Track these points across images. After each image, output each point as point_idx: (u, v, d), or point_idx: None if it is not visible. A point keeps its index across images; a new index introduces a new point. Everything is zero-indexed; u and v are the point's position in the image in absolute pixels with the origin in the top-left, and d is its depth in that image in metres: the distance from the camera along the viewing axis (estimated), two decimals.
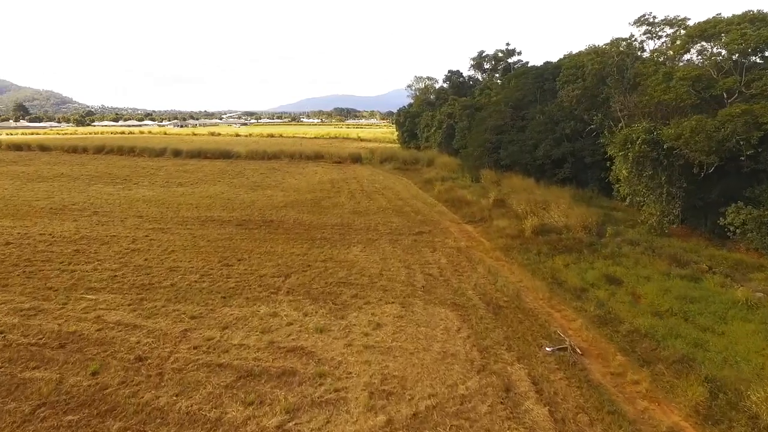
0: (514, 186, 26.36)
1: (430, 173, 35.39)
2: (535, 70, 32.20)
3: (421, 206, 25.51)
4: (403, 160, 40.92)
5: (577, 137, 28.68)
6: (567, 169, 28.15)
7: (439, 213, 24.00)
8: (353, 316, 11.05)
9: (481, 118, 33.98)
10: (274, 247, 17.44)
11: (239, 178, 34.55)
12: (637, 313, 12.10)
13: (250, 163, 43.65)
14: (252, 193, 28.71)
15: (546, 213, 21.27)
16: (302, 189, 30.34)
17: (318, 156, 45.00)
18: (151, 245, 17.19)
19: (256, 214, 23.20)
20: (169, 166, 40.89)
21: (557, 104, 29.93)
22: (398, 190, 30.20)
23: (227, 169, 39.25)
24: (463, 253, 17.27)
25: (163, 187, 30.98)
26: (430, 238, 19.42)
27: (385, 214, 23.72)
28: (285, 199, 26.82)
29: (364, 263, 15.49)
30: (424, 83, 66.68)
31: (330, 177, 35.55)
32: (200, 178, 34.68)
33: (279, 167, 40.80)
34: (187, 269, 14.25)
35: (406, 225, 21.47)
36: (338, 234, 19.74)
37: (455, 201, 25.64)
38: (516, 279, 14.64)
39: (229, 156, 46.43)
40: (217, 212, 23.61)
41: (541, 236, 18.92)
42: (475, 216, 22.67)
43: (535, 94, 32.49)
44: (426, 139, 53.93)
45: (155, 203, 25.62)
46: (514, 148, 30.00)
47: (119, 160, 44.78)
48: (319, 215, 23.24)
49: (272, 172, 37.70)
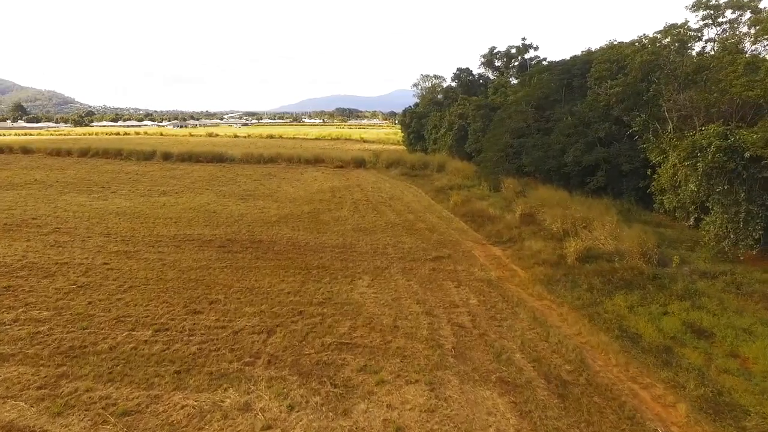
0: (541, 197, 22.83)
1: (441, 180, 31.90)
2: (562, 65, 28.72)
3: (435, 221, 22.02)
4: (410, 164, 37.45)
5: (612, 141, 25.19)
6: (600, 177, 24.62)
7: (458, 230, 20.51)
8: (361, 410, 7.56)
9: (500, 120, 30.50)
10: (260, 280, 13.99)
11: (230, 186, 31.14)
12: (757, 392, 8.64)
13: (245, 167, 40.23)
14: (242, 204, 25.28)
15: (588, 233, 17.77)
16: (299, 199, 26.89)
17: (318, 160, 41.60)
18: (105, 279, 13.75)
19: (244, 232, 19.77)
20: (156, 171, 37.52)
21: (588, 103, 26.41)
22: (408, 201, 26.72)
23: (218, 175, 35.85)
24: (495, 289, 13.78)
25: (143, 196, 27.59)
26: (452, 265, 15.93)
27: (395, 231, 20.26)
28: (279, 213, 23.37)
29: (373, 307, 12.02)
30: (430, 82, 63.21)
31: (331, 184, 32.11)
32: (187, 185, 31.28)
33: (275, 173, 37.37)
34: (140, 319, 10.79)
35: (420, 247, 18.00)
36: (339, 260, 16.28)
37: (475, 215, 22.14)
38: (573, 330, 11.15)
39: (222, 160, 43.06)
40: (198, 229, 20.19)
41: (588, 264, 15.43)
42: (502, 235, 19.16)
43: (559, 92, 28.97)
44: (434, 141, 50.45)
45: (130, 217, 22.23)
46: (539, 153, 26.49)
47: (103, 165, 41.45)
48: (317, 233, 19.79)
49: (267, 179, 34.27)
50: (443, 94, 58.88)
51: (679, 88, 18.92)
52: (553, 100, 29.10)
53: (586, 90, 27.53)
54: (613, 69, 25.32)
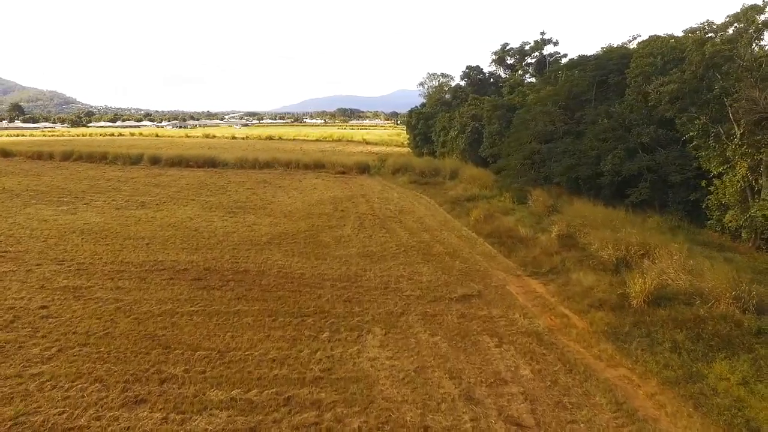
0: (580, 213, 19.39)
1: (456, 189, 28.48)
2: (595, 61, 25.26)
3: (456, 243, 18.59)
4: (420, 170, 34.03)
5: (656, 147, 21.77)
6: (644, 188, 21.20)
7: (484, 255, 17.07)
8: None
9: (522, 122, 27.08)
10: (238, 336, 10.61)
11: (219, 196, 27.76)
12: None
13: (238, 173, 36.85)
14: (229, 220, 21.90)
15: (650, 263, 14.35)
16: (296, 213, 23.49)
17: (318, 165, 38.20)
18: (32, 335, 10.38)
19: (227, 258, 16.39)
20: (140, 178, 34.18)
21: (628, 103, 22.99)
22: (420, 215, 23.29)
23: (208, 182, 32.48)
24: (550, 348, 10.38)
25: (119, 208, 24.23)
26: (485, 308, 12.53)
27: (409, 257, 16.84)
28: (271, 231, 19.98)
29: (390, 388, 8.61)
30: (438, 81, 59.77)
31: (332, 194, 28.70)
32: (171, 195, 27.91)
33: (271, 179, 33.99)
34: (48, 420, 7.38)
35: (442, 280, 14.59)
36: (342, 300, 12.89)
37: (503, 235, 18.71)
38: (680, 428, 7.74)
39: (214, 164, 39.72)
40: (172, 253, 16.82)
41: (661, 308, 12.03)
42: (540, 264, 15.72)
43: (591, 90, 25.53)
44: (443, 143, 46.99)
45: (95, 236, 18.89)
46: (570, 160, 23.05)
47: (85, 170, 38.13)
48: (315, 259, 16.40)
49: (262, 187, 30.89)
50: (451, 94, 55.41)
51: (756, 85, 15.47)
52: (584, 99, 25.67)
53: (624, 88, 24.13)
54: (657, 64, 21.93)
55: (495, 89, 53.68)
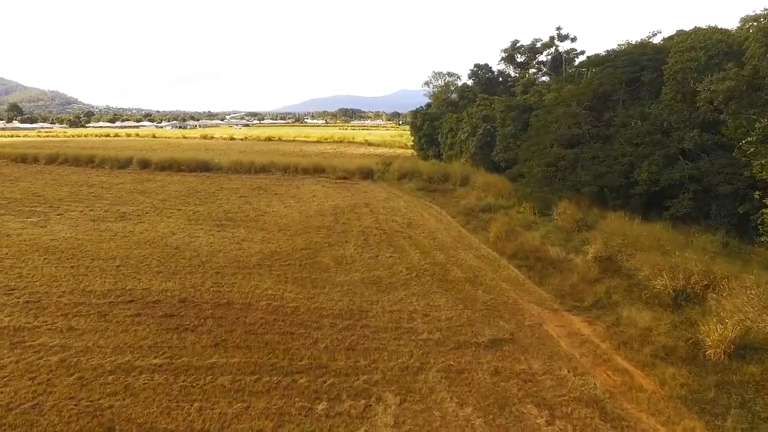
0: (615, 229, 16.83)
1: (468, 198, 25.95)
2: (626, 56, 22.65)
3: (475, 265, 16.04)
4: (428, 176, 31.47)
5: (700, 153, 19.22)
6: (687, 200, 18.61)
7: (511, 282, 14.52)
8: None
9: (542, 124, 24.51)
10: (207, 407, 8.12)
11: (208, 205, 25.25)
12: None
13: (232, 178, 34.34)
14: (217, 235, 19.39)
15: (718, 298, 11.82)
16: (292, 226, 20.97)
17: (318, 169, 35.66)
18: None
19: (208, 286, 13.89)
20: (126, 184, 31.70)
21: (667, 104, 20.43)
22: (431, 229, 20.74)
23: (199, 189, 30.00)
24: (617, 426, 7.85)
25: (95, 220, 21.76)
26: (524, 359, 10.01)
27: (422, 283, 14.31)
28: (262, 249, 17.46)
29: None
30: (443, 80, 57.19)
31: (333, 202, 26.17)
32: (156, 204, 25.41)
33: (267, 186, 31.48)
34: None
35: (465, 317, 12.06)
36: (344, 348, 10.38)
37: (529, 256, 16.15)
38: None
39: (207, 168, 37.24)
40: (145, 279, 14.33)
41: (748, 363, 9.53)
42: (580, 294, 13.17)
43: (620, 89, 22.94)
44: (450, 146, 44.45)
45: (61, 256, 16.41)
46: (601, 168, 20.48)
47: (68, 174, 35.69)
48: (312, 287, 13.89)
49: (256, 194, 28.38)
50: (458, 94, 52.84)
51: None
52: (613, 99, 23.09)
53: (659, 86, 21.55)
54: (701, 59, 19.36)
55: (504, 88, 51.15)
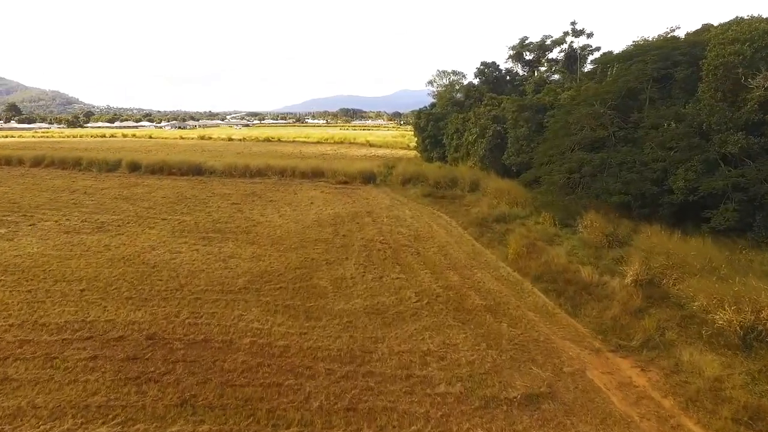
0: (654, 247, 14.72)
1: (480, 205, 23.82)
2: (657, 51, 20.47)
3: (495, 289, 13.91)
4: (434, 181, 29.34)
5: (743, 159, 17.11)
6: (730, 212, 16.47)
7: (539, 312, 12.40)
8: None
9: (561, 126, 22.38)
10: None
11: (197, 213, 23.16)
12: None
13: (225, 183, 32.25)
14: (202, 250, 17.30)
15: None
16: (286, 239, 18.87)
17: (317, 173, 33.54)
18: None
19: (184, 316, 11.82)
20: (111, 189, 29.64)
21: (706, 103, 18.29)
22: (441, 243, 18.61)
23: (188, 195, 27.90)
24: None
25: (69, 232, 19.69)
26: (570, 426, 7.91)
27: (435, 313, 12.22)
28: (252, 268, 15.36)
29: None
30: (448, 79, 55.01)
31: (332, 210, 24.06)
32: (139, 212, 23.33)
33: (262, 191, 29.39)
34: None
35: (489, 359, 9.96)
36: (343, 408, 8.30)
37: (557, 278, 14.03)
38: None
39: (200, 172, 35.16)
40: (112, 307, 12.27)
41: None
42: (626, 330, 11.03)
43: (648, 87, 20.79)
44: (455, 148, 42.35)
45: (20, 277, 14.35)
46: (631, 175, 18.35)
47: (52, 178, 33.63)
48: (305, 318, 11.81)
49: (250, 201, 26.28)
50: (464, 93, 50.70)
51: None
52: (642, 98, 20.94)
53: (695, 84, 19.42)
54: (746, 52, 17.22)
55: (512, 87, 49.03)
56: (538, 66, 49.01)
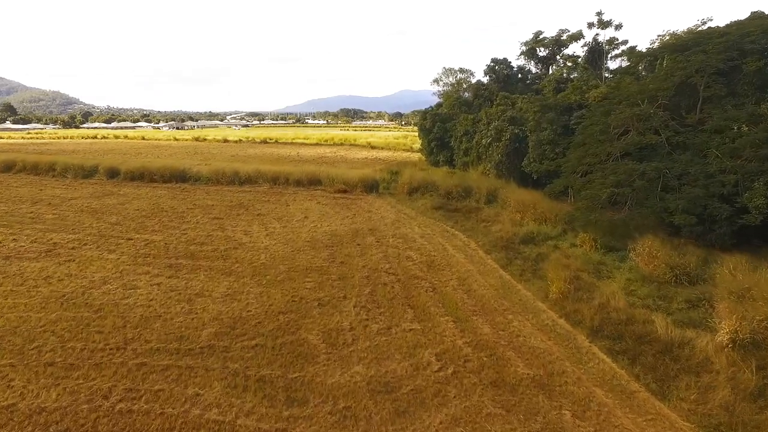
0: (746, 287, 11.29)
1: (501, 221, 20.41)
2: (720, 39, 17.02)
3: (542, 348, 10.47)
4: (445, 190, 25.91)
5: None
6: None
7: (611, 389, 8.95)
8: None
9: (601, 128, 18.93)
10: None
11: (169, 232, 19.75)
12: None
13: (210, 192, 28.83)
14: (164, 284, 13.90)
15: None
16: (271, 268, 15.46)
17: (313, 180, 30.11)
18: None
19: (115, 398, 8.44)
20: (80, 199, 26.23)
21: None
22: (462, 273, 15.17)
23: (166, 207, 24.50)
24: None
25: (9, 257, 16.26)
26: None
27: (467, 393, 8.79)
28: (222, 312, 11.95)
29: None
30: (455, 77, 51.57)
31: (329, 228, 20.64)
32: (102, 229, 19.93)
33: (250, 202, 25.97)
34: None
35: None
36: None
37: (622, 332, 10.59)
38: None
39: (184, 179, 31.75)
40: (19, 382, 8.91)
41: None
42: (747, 428, 7.66)
43: (706, 83, 17.33)
44: (464, 151, 38.97)
45: None
46: (696, 189, 14.91)
47: (19, 186, 30.23)
48: (285, 405, 8.41)
49: (234, 215, 22.87)
50: (473, 92, 47.35)
51: None
52: (696, 97, 17.49)
53: None
54: None
55: (524, 86, 45.69)
56: (552, 63, 45.69)
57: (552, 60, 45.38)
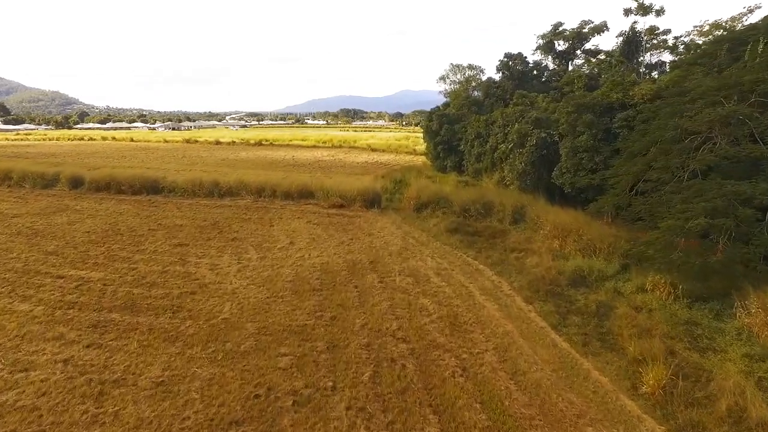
0: None
1: (538, 254, 16.12)
2: None
3: None
4: (460, 206, 21.62)
5: None
6: None
7: None
8: None
9: (674, 138, 14.65)
10: None
11: (114, 266, 15.46)
12: None
13: (183, 207, 24.57)
14: (75, 358, 9.65)
15: None
16: (235, 329, 11.19)
17: (304, 193, 25.82)
18: None
19: None
20: (26, 216, 21.94)
21: None
22: (497, 338, 10.90)
23: (123, 227, 20.26)
24: None
25: None
26: None
27: None
28: (143, 421, 7.72)
29: None
30: (463, 74, 47.33)
31: (318, 259, 16.37)
32: (30, 261, 15.66)
33: (227, 222, 21.74)
34: None
35: None
36: None
37: None
38: None
39: (156, 189, 27.51)
40: None
41: None
42: None
43: None
44: (477, 157, 34.70)
45: None
46: None
47: None
48: None
49: (203, 240, 18.62)
50: (483, 91, 43.13)
51: None
52: None
53: None
54: None
55: (540, 84, 41.49)
56: (572, 58, 41.50)
57: (572, 55, 41.22)
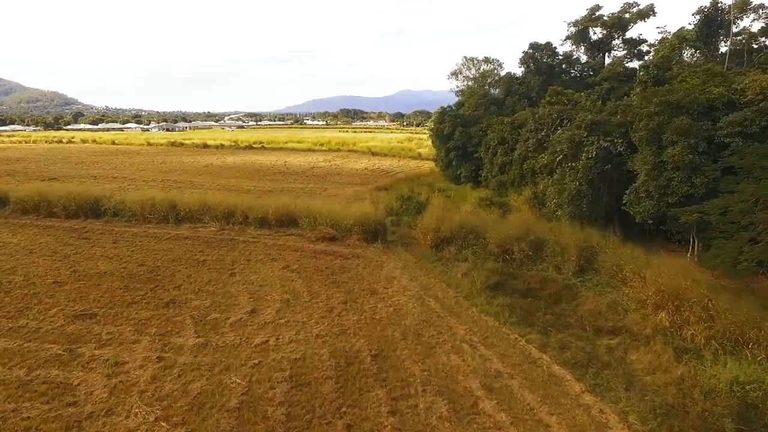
0: None
1: (652, 347, 10.02)
2: None
3: None
4: (498, 244, 15.50)
5: None
6: None
7: None
8: None
9: None
10: None
11: None
12: None
13: (123, 237, 18.43)
14: None
15: None
16: None
17: (286, 221, 19.71)
18: None
19: None
20: None
21: None
22: None
23: (18, 279, 14.18)
24: None
25: None
26: None
27: None
28: None
29: None
30: (478, 68, 41.14)
31: (289, 350, 10.25)
32: None
33: (173, 265, 15.60)
34: None
35: None
36: None
37: None
38: None
39: (97, 213, 21.42)
40: None
41: None
42: None
43: None
44: (501, 167, 28.54)
45: None
46: None
47: None
48: None
49: (124, 303, 12.52)
50: (503, 88, 36.95)
51: None
52: None
53: None
54: None
55: (570, 79, 35.36)
56: (609, 49, 35.35)
57: (608, 45, 35.10)
